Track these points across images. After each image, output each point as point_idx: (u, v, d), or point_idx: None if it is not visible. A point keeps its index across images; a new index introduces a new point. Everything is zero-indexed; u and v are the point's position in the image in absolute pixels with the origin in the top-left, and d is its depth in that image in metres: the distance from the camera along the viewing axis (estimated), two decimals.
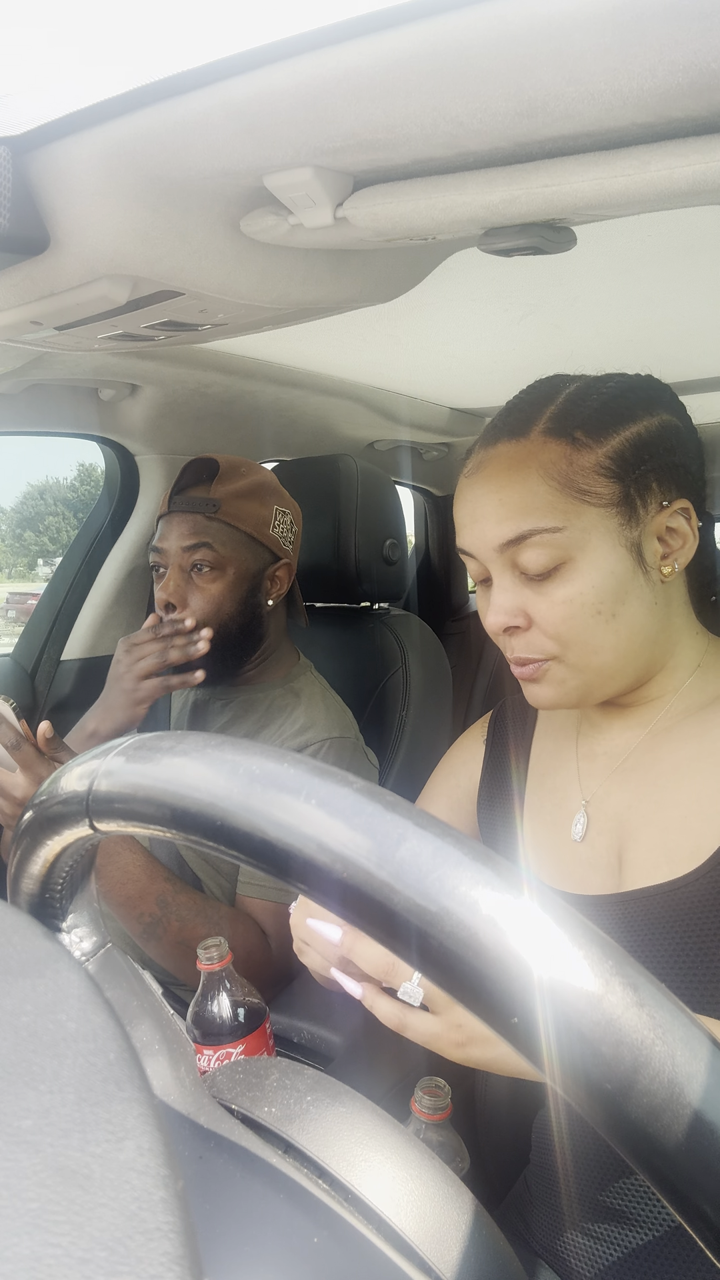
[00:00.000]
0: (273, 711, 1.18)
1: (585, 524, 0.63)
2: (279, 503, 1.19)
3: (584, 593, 0.64)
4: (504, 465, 0.65)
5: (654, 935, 0.63)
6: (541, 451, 0.64)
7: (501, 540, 0.65)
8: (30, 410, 1.30)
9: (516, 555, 0.65)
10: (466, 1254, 0.30)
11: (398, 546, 1.52)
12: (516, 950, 0.22)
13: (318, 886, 0.24)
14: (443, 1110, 0.63)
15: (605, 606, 0.64)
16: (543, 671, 0.67)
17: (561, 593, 0.64)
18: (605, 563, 0.64)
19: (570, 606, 0.64)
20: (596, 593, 0.64)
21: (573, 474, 0.63)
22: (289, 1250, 0.27)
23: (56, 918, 0.36)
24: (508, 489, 0.65)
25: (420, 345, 1.30)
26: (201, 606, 1.13)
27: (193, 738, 0.29)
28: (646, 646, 0.67)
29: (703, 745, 0.68)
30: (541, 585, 0.65)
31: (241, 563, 1.15)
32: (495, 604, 0.67)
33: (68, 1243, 0.17)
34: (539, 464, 0.64)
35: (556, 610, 0.65)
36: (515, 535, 0.64)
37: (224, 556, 1.13)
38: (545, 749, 0.81)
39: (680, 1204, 0.21)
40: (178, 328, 0.75)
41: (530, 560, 0.64)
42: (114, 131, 0.48)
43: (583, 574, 0.64)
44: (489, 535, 0.66)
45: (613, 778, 0.72)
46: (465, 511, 0.68)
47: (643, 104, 0.42)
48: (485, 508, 0.66)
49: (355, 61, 0.40)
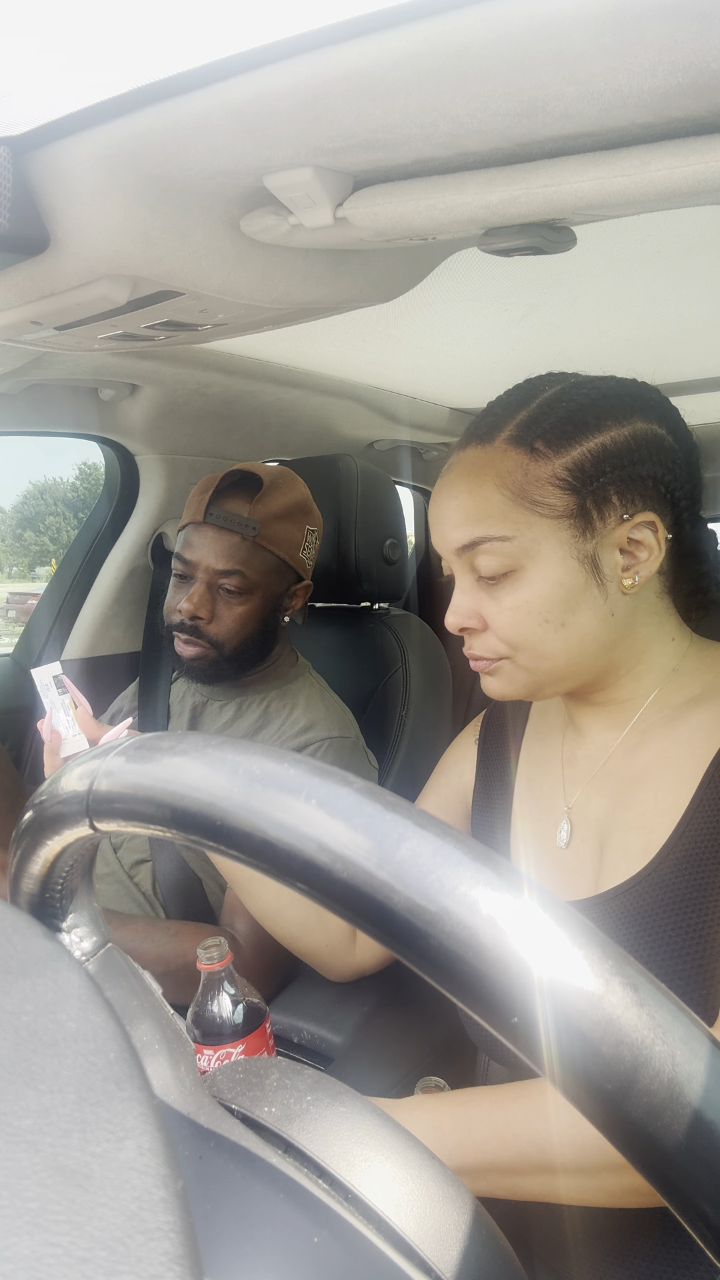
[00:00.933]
0: (271, 712, 1.18)
1: (536, 535, 0.64)
2: (310, 521, 1.18)
3: (531, 601, 0.65)
4: (466, 470, 0.67)
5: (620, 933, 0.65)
6: (501, 460, 0.66)
7: (457, 544, 0.67)
8: (30, 410, 1.30)
9: (473, 559, 0.67)
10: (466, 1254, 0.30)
11: (398, 546, 1.52)
12: (516, 950, 0.22)
13: (318, 886, 0.24)
14: None
15: (553, 615, 0.65)
16: (495, 668, 0.69)
17: (510, 599, 0.66)
18: (554, 573, 0.65)
19: (518, 614, 0.66)
20: (544, 602, 0.65)
21: (527, 484, 0.64)
22: (289, 1250, 0.27)
23: (56, 918, 0.36)
24: (465, 495, 0.67)
25: (420, 345, 1.29)
26: (225, 625, 1.12)
27: (193, 738, 0.29)
28: (602, 653, 0.68)
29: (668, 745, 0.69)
30: (494, 590, 0.67)
31: (269, 586, 1.14)
32: (453, 605, 0.69)
33: (68, 1242, 0.17)
34: (496, 472, 0.66)
35: (505, 616, 0.66)
36: (468, 540, 0.66)
37: (254, 582, 1.12)
38: (533, 753, 0.81)
39: (680, 1204, 0.21)
40: (178, 328, 0.75)
41: (483, 565, 0.66)
42: (114, 131, 0.48)
43: (531, 583, 0.65)
44: (448, 538, 0.68)
45: (593, 783, 0.73)
46: (434, 512, 0.71)
47: (643, 104, 0.42)
48: (446, 510, 0.68)
49: (355, 61, 0.40)
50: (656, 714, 0.70)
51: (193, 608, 1.11)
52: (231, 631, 1.13)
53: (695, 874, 0.62)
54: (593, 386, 0.68)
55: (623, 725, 0.72)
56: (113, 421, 1.43)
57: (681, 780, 0.66)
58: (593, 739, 0.74)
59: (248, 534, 1.10)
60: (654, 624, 0.70)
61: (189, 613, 1.11)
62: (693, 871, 0.63)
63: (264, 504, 1.11)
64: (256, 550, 1.11)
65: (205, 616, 1.12)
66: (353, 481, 1.45)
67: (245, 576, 1.11)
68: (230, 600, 1.12)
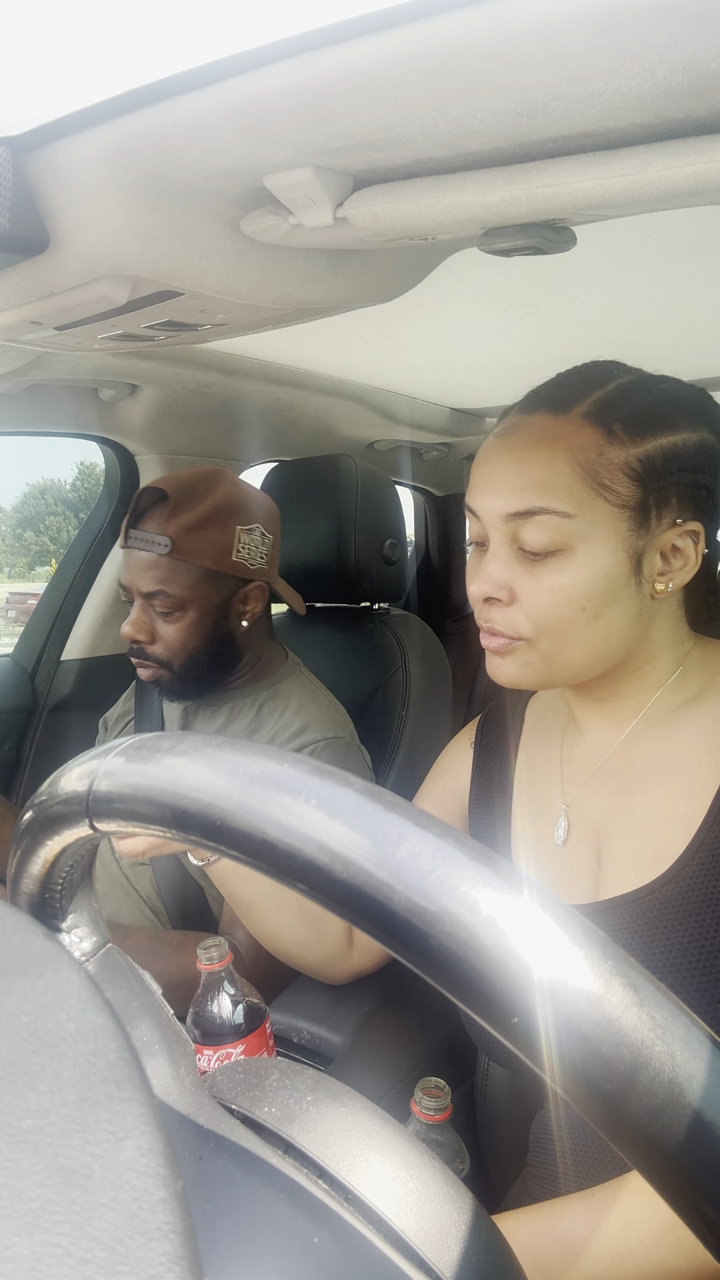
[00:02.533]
0: (264, 714, 1.17)
1: (595, 518, 0.62)
2: (243, 520, 1.11)
3: (574, 585, 0.63)
4: (535, 436, 0.64)
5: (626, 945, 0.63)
6: (576, 434, 0.63)
7: (510, 510, 0.64)
8: (30, 410, 1.30)
9: (520, 528, 0.64)
10: (466, 1254, 0.30)
11: (398, 546, 1.52)
12: (516, 950, 0.22)
13: (318, 887, 0.24)
14: (443, 1111, 0.63)
15: (590, 605, 0.63)
16: (511, 649, 0.66)
17: (552, 579, 0.63)
18: (603, 562, 0.63)
19: (556, 595, 0.63)
20: (586, 589, 0.63)
21: (599, 465, 0.62)
22: (289, 1250, 0.27)
23: (56, 918, 0.36)
24: (531, 460, 0.63)
25: (420, 345, 1.29)
26: (167, 644, 1.11)
27: (192, 738, 0.29)
28: (620, 650, 0.67)
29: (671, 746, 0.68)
30: (535, 566, 0.64)
31: (204, 599, 1.10)
32: (485, 572, 0.66)
33: (68, 1243, 0.17)
34: (569, 445, 0.63)
35: (542, 596, 0.64)
36: (525, 508, 0.63)
37: (182, 598, 1.08)
38: (531, 753, 0.81)
39: (680, 1204, 0.21)
40: (178, 328, 0.75)
41: (531, 537, 0.63)
42: (114, 131, 0.48)
43: (578, 566, 0.63)
44: (500, 501, 0.64)
45: (590, 782, 0.72)
46: (484, 472, 0.66)
47: (642, 104, 0.42)
48: (504, 472, 0.64)
49: (355, 61, 0.40)
50: (656, 713, 0.70)
51: (132, 631, 1.11)
52: (174, 650, 1.11)
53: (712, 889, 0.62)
54: (666, 384, 0.67)
55: (624, 724, 0.72)
56: (113, 421, 1.43)
57: (693, 789, 0.65)
58: (593, 738, 0.74)
59: (161, 552, 1.07)
60: (669, 628, 0.69)
61: (129, 636, 1.11)
62: (710, 887, 0.62)
63: (175, 518, 1.07)
64: (176, 566, 1.08)
65: (146, 638, 1.11)
66: (353, 481, 1.45)
67: (170, 595, 1.08)
68: (166, 620, 1.10)
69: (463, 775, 0.86)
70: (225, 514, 1.11)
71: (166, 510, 1.08)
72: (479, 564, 0.68)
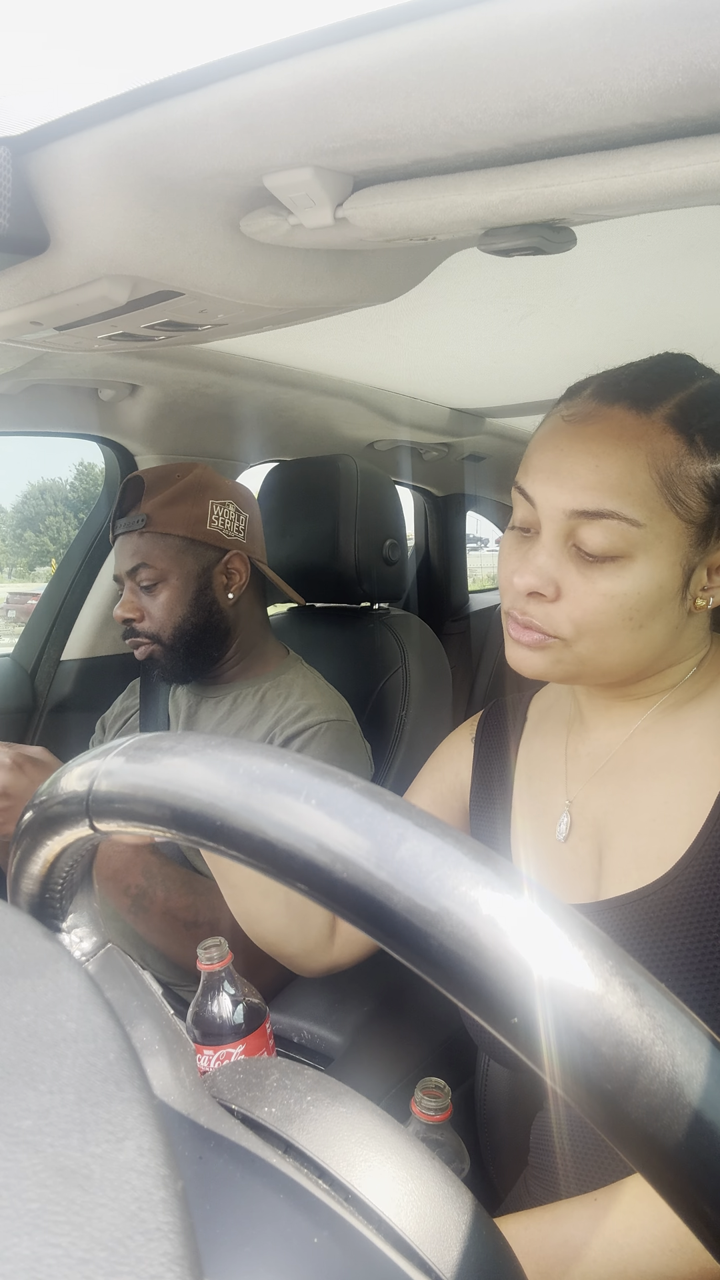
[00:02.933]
0: (267, 701, 1.20)
1: (662, 530, 0.60)
2: (215, 496, 1.19)
3: (627, 594, 0.61)
4: (614, 432, 0.60)
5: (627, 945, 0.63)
6: (659, 439, 0.60)
7: (578, 507, 0.60)
8: (30, 410, 1.30)
9: (580, 526, 0.61)
10: (467, 1254, 0.30)
11: (397, 546, 1.52)
12: (516, 950, 0.22)
13: (318, 887, 0.24)
14: (443, 1111, 0.63)
15: (638, 615, 0.61)
16: (545, 645, 0.64)
17: (606, 584, 0.61)
18: (659, 575, 0.61)
19: (607, 602, 0.61)
20: (638, 599, 0.61)
21: (677, 476, 0.59)
22: (289, 1250, 0.27)
23: (56, 918, 0.36)
24: (610, 459, 0.60)
25: (420, 345, 1.29)
26: (155, 617, 1.17)
27: (192, 738, 0.29)
28: (654, 659, 0.66)
29: (675, 745, 0.68)
30: (589, 568, 0.61)
31: (183, 567, 1.16)
32: (534, 564, 0.63)
33: (68, 1243, 0.17)
34: (652, 450, 0.59)
35: (592, 600, 0.61)
36: (595, 509, 0.60)
37: (162, 569, 1.16)
38: (534, 749, 0.80)
39: (680, 1204, 0.21)
40: (178, 328, 0.75)
41: (591, 539, 0.60)
42: (114, 131, 0.48)
43: (635, 576, 0.60)
44: (567, 495, 0.61)
45: (594, 780, 0.72)
46: (550, 458, 0.62)
47: (642, 104, 0.42)
48: (576, 465, 0.61)
49: (355, 61, 0.40)
50: (662, 711, 0.70)
51: (123, 611, 1.18)
52: (162, 621, 1.16)
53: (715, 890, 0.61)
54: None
55: (631, 722, 0.71)
56: (112, 422, 1.42)
57: (696, 788, 0.65)
58: (599, 735, 0.74)
59: (138, 528, 1.15)
60: (696, 636, 0.69)
61: (120, 618, 1.18)
62: (712, 887, 0.62)
63: (151, 497, 1.16)
64: (154, 540, 1.16)
65: (136, 616, 1.17)
66: (353, 481, 1.45)
67: (151, 567, 1.15)
68: (150, 594, 1.17)
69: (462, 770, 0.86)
70: (198, 490, 1.18)
71: (143, 492, 1.17)
72: (523, 553, 0.65)
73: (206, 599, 1.18)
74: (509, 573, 0.65)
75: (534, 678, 0.67)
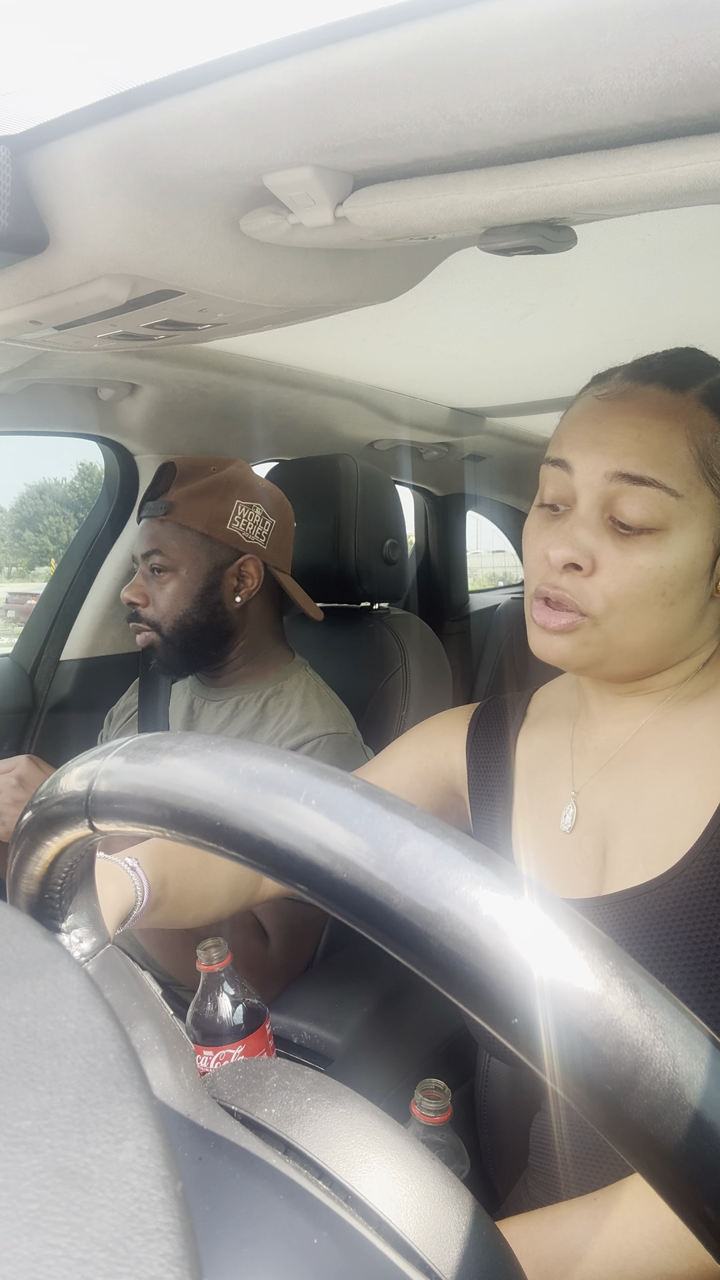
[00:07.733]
0: (268, 710, 1.19)
1: (698, 504, 0.62)
2: (244, 496, 1.18)
3: (663, 566, 0.62)
4: (654, 406, 0.62)
5: (631, 940, 0.63)
6: (695, 415, 0.62)
7: (623, 470, 0.61)
8: (30, 410, 1.30)
9: (619, 496, 0.62)
10: (467, 1255, 0.30)
11: (398, 546, 1.52)
12: (516, 951, 0.22)
13: (317, 887, 0.24)
14: (443, 1112, 0.63)
15: (670, 590, 0.62)
16: (573, 626, 0.64)
17: (643, 556, 0.62)
18: (692, 549, 0.62)
19: (642, 574, 0.62)
20: (672, 573, 0.62)
21: (712, 451, 0.62)
22: (289, 1251, 0.27)
23: (56, 918, 0.36)
24: (652, 430, 0.62)
25: (420, 345, 1.29)
26: (159, 605, 1.17)
27: (192, 738, 0.29)
28: (676, 643, 0.66)
29: (683, 739, 0.67)
30: (625, 541, 0.62)
31: (195, 562, 1.16)
32: (572, 536, 0.63)
33: (67, 1244, 0.17)
34: (690, 425, 0.62)
35: (628, 572, 0.62)
36: (638, 474, 0.61)
37: (174, 559, 1.16)
38: (535, 742, 0.80)
39: (680, 1204, 0.21)
40: (177, 327, 0.75)
41: (630, 509, 0.61)
42: (113, 130, 0.48)
43: (670, 549, 0.62)
44: (612, 461, 0.62)
45: (600, 774, 0.72)
46: (590, 430, 0.64)
47: (643, 103, 0.42)
48: (618, 435, 0.62)
49: (355, 61, 0.40)
50: (671, 705, 0.70)
51: (130, 594, 1.18)
52: (165, 611, 1.16)
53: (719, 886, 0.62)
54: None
55: (639, 716, 0.71)
56: (112, 421, 1.42)
57: (704, 782, 0.65)
58: (606, 729, 0.73)
59: (159, 514, 1.16)
60: (710, 629, 0.69)
61: (126, 599, 1.19)
62: (717, 883, 0.61)
63: (179, 487, 1.16)
64: (173, 529, 1.16)
65: (141, 600, 1.18)
66: (353, 481, 1.45)
67: (164, 555, 1.16)
68: (159, 581, 1.17)
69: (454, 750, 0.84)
70: (227, 487, 1.18)
71: (173, 479, 1.17)
72: (556, 528, 0.65)
73: (212, 598, 1.18)
74: (542, 548, 0.65)
75: (557, 664, 0.67)
